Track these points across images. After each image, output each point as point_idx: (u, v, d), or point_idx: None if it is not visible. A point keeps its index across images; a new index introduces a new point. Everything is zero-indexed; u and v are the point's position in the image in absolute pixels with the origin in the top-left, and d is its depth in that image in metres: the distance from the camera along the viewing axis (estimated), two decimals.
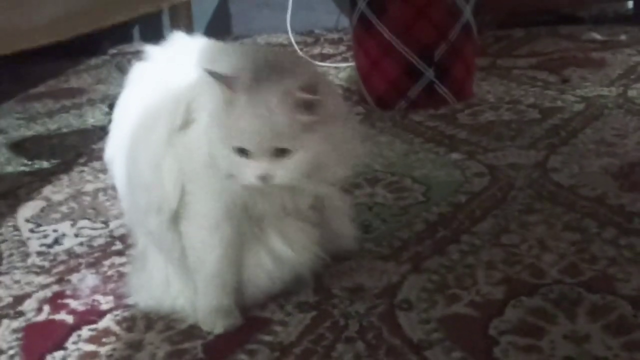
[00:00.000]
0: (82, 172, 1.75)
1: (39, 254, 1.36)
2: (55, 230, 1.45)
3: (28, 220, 1.51)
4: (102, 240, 1.39)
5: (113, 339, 1.08)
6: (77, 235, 1.42)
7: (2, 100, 2.44)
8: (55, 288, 1.23)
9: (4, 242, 1.42)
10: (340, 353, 1.00)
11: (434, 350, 0.98)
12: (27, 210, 1.56)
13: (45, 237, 1.43)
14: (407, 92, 1.98)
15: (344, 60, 2.55)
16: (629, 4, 2.89)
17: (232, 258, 1.05)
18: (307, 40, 2.90)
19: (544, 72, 2.24)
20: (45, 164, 1.83)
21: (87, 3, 1.88)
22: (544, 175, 1.50)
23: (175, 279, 1.10)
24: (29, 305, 1.18)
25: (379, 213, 1.40)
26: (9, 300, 1.20)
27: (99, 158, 1.78)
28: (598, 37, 2.59)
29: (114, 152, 1.12)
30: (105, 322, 1.12)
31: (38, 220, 1.50)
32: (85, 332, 1.10)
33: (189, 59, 1.04)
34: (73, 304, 1.18)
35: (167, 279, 1.10)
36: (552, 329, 1.00)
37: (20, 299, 1.20)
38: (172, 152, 1.02)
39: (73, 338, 1.09)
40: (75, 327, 1.11)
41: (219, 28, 2.99)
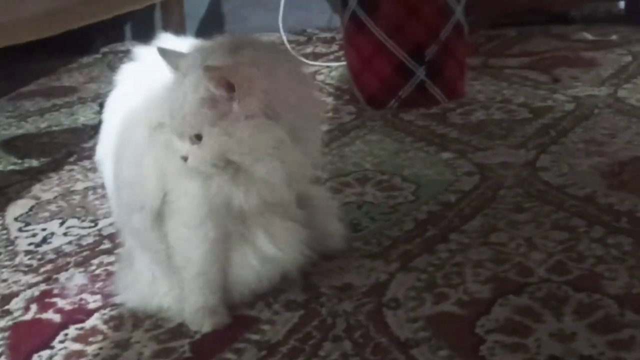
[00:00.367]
0: (71, 170, 1.75)
1: (27, 253, 1.35)
2: (44, 229, 1.44)
3: (17, 219, 1.50)
4: (90, 239, 1.39)
5: (100, 338, 1.07)
6: (65, 234, 1.42)
7: None
8: (43, 287, 1.23)
9: None
10: (328, 352, 1.00)
11: (421, 349, 0.98)
12: (16, 209, 1.55)
13: (34, 235, 1.42)
14: (398, 91, 1.98)
15: (336, 60, 2.55)
16: (621, 4, 2.89)
17: (217, 256, 1.05)
18: (299, 40, 2.90)
19: (535, 71, 2.24)
20: (35, 163, 1.82)
21: None
22: (534, 174, 1.50)
23: (162, 278, 1.10)
24: (16, 304, 1.18)
25: (368, 212, 1.40)
26: None
27: (89, 157, 1.78)
28: (589, 37, 2.59)
29: (104, 152, 1.13)
30: (93, 321, 1.12)
31: (27, 219, 1.50)
32: (73, 331, 1.10)
33: None
34: (60, 303, 1.17)
35: (153, 278, 1.10)
36: (538, 328, 1.00)
37: (8, 298, 1.20)
38: (152, 150, 1.03)
39: (60, 337, 1.09)
40: (63, 326, 1.11)
41: (212, 27, 2.98)
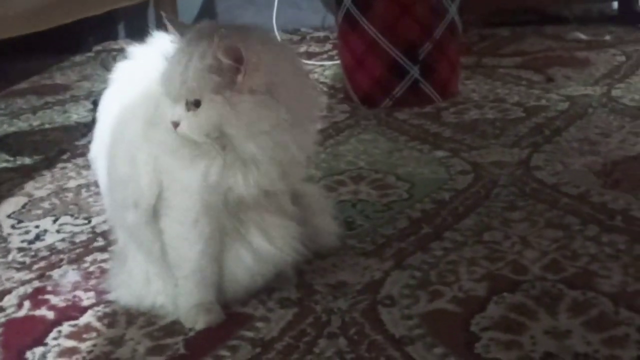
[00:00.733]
0: (64, 168, 1.74)
1: (20, 250, 1.35)
2: (37, 226, 1.44)
3: (9, 216, 1.50)
4: (84, 237, 1.38)
5: (94, 335, 1.07)
6: (59, 232, 1.41)
7: None
8: (36, 284, 1.22)
9: None
10: (322, 349, 0.99)
11: (416, 346, 0.98)
12: (8, 206, 1.54)
13: (27, 233, 1.41)
14: (392, 90, 1.98)
15: (330, 59, 2.55)
16: (614, 4, 2.90)
17: (212, 253, 1.05)
18: (293, 39, 2.90)
19: (529, 71, 2.24)
20: (28, 160, 1.82)
21: None
22: (527, 173, 1.51)
23: (156, 276, 1.09)
24: (9, 301, 1.17)
25: (363, 210, 1.40)
26: None
27: (82, 154, 1.77)
28: (583, 36, 2.60)
29: (98, 150, 1.13)
30: (86, 318, 1.11)
31: (19, 217, 1.49)
32: (66, 327, 1.09)
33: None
34: (54, 300, 1.17)
35: (147, 276, 1.10)
36: (533, 325, 1.00)
37: (0, 295, 1.19)
38: (147, 146, 1.02)
39: (53, 334, 1.08)
40: (56, 322, 1.11)
41: None
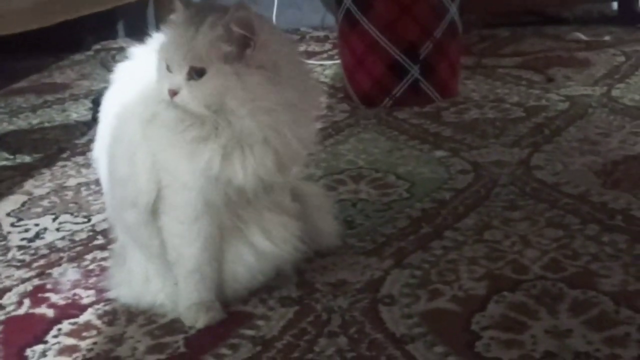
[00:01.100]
0: (64, 166, 1.74)
1: (20, 248, 1.34)
2: (37, 225, 1.43)
3: (9, 215, 1.49)
4: (84, 235, 1.38)
5: (94, 333, 1.07)
6: (58, 230, 1.41)
7: None
8: (36, 282, 1.22)
9: None
10: (323, 347, 0.99)
11: (416, 345, 0.98)
12: (8, 205, 1.54)
13: (27, 231, 1.41)
14: (392, 89, 1.98)
15: (330, 58, 2.55)
16: (614, 5, 2.90)
17: (211, 252, 1.05)
18: (292, 38, 2.90)
19: (529, 71, 2.25)
20: (27, 159, 1.81)
21: None
22: (528, 173, 1.51)
23: (155, 275, 1.09)
24: (9, 299, 1.17)
25: (363, 209, 1.40)
26: None
27: (82, 153, 1.77)
28: (582, 37, 2.60)
29: (100, 149, 1.13)
30: (86, 316, 1.11)
31: (19, 215, 1.49)
32: (66, 325, 1.09)
33: None
34: (54, 298, 1.17)
35: (147, 275, 1.10)
36: (533, 324, 1.00)
37: (1, 293, 1.19)
38: (145, 145, 1.02)
39: (53, 332, 1.08)
40: (56, 320, 1.11)
41: None
